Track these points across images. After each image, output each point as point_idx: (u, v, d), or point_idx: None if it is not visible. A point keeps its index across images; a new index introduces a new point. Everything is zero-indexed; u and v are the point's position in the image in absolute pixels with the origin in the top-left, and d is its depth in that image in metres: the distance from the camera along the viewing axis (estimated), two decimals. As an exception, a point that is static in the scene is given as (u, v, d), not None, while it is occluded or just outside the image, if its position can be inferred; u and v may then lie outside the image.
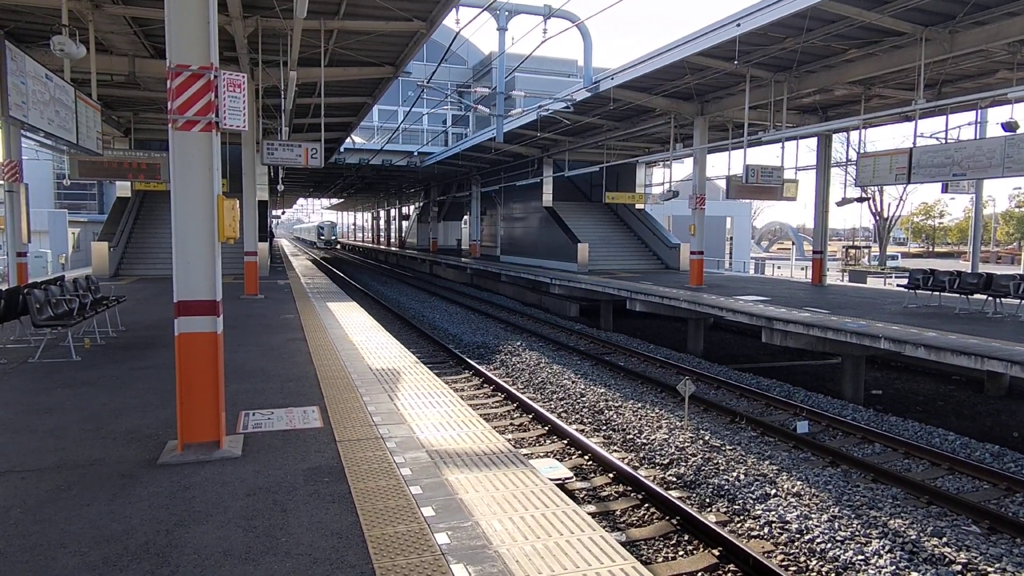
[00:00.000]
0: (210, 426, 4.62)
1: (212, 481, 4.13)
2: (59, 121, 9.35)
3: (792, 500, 6.22)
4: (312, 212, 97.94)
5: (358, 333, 9.84)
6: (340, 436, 5.05)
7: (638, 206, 28.26)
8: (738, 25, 12.12)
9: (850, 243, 49.59)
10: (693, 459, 7.36)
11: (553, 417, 8.68)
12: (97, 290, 10.17)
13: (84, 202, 48.27)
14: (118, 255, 20.23)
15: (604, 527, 5.44)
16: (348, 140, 27.99)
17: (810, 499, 6.26)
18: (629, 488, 6.59)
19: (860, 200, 18.10)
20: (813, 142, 20.44)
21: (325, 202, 79.29)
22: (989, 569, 4.99)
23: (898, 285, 16.52)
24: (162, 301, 13.40)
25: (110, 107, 19.10)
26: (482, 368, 11.60)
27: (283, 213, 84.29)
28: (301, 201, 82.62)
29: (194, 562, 3.16)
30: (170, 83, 4.37)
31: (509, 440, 7.99)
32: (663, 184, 26.74)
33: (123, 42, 13.56)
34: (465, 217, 40.99)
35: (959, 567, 5.01)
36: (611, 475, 6.91)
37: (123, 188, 23.73)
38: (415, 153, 33.17)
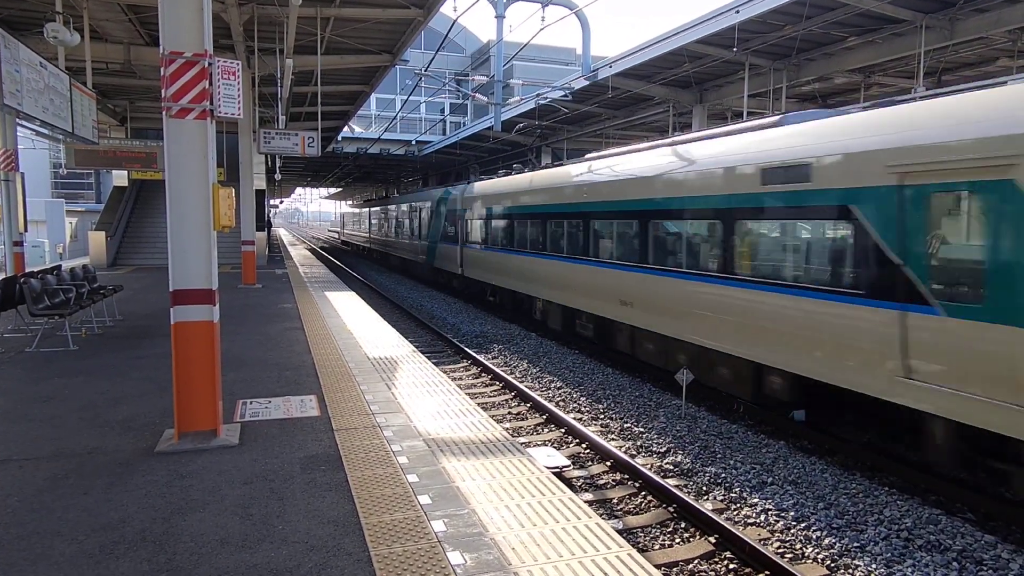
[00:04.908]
0: (207, 415, 4.63)
1: (209, 469, 4.14)
2: (54, 110, 9.30)
3: (788, 488, 6.24)
4: (310, 201, 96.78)
5: (356, 322, 9.84)
6: (337, 425, 5.06)
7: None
8: (737, 12, 12.06)
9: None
10: (690, 447, 7.38)
11: (551, 406, 8.69)
12: (94, 279, 10.15)
13: (81, 191, 48.16)
14: (116, 244, 20.19)
15: (601, 515, 5.46)
16: (346, 128, 27.86)
17: (807, 487, 6.29)
18: (626, 476, 6.62)
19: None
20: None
21: (323, 191, 78.84)
22: (985, 556, 5.02)
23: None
24: (159, 290, 13.38)
25: (106, 95, 19.00)
26: (480, 357, 11.60)
27: (281, 202, 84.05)
28: (299, 190, 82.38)
29: (191, 550, 3.17)
30: (164, 70, 4.33)
31: (506, 429, 8.01)
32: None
33: (118, 29, 13.46)
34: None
35: (954, 554, 5.04)
36: (608, 463, 6.93)
37: (120, 177, 23.62)
38: (413, 142, 33.05)
